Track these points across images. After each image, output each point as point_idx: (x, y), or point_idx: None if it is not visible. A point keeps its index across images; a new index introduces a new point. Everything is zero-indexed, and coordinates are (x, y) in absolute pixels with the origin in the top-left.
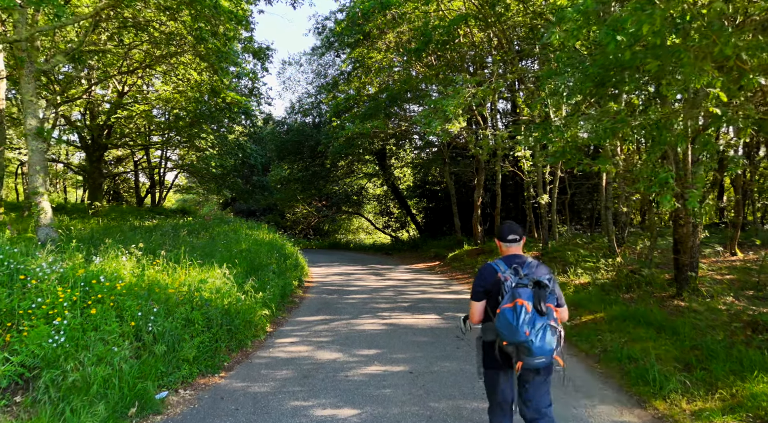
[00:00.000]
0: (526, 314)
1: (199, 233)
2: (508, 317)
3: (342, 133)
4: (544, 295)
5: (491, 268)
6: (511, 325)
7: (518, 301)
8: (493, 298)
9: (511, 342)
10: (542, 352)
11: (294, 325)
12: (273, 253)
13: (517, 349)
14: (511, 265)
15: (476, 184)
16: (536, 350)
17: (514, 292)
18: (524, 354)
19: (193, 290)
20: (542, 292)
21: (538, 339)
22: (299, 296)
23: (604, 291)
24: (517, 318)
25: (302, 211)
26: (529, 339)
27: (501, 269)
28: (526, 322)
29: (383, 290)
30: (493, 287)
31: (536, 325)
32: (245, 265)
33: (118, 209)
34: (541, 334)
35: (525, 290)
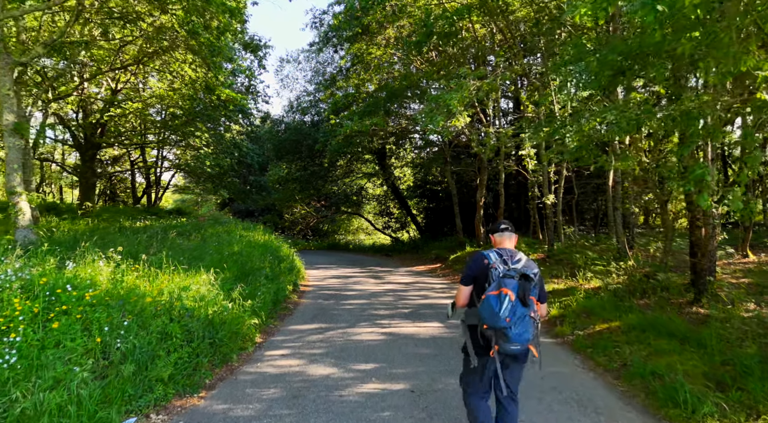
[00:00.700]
0: (509, 303)
1: (191, 235)
2: (492, 303)
3: (340, 130)
4: (528, 287)
5: (482, 256)
6: (494, 311)
7: (503, 290)
8: (479, 285)
9: (491, 326)
10: (519, 340)
11: (286, 334)
12: (267, 256)
13: (496, 334)
14: (501, 256)
15: (478, 183)
16: (514, 337)
17: (500, 281)
18: (502, 339)
19: (174, 299)
20: (527, 284)
21: (517, 327)
22: (294, 302)
23: (617, 297)
24: (500, 305)
25: (300, 212)
26: (508, 325)
27: (492, 258)
28: (508, 310)
29: (382, 295)
30: (481, 274)
31: (517, 314)
32: (235, 270)
33: (112, 209)
34: (520, 323)
35: (511, 281)
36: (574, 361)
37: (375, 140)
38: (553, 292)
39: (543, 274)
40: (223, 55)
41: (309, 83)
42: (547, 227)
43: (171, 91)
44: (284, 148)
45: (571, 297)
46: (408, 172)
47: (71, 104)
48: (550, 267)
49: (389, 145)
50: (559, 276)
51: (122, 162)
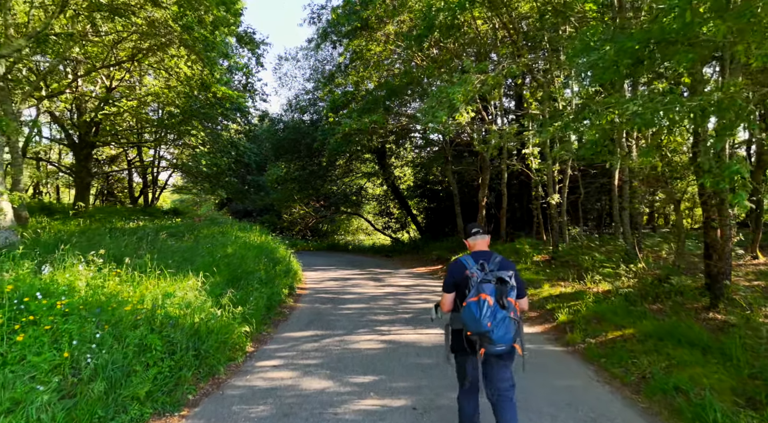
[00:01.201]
0: (488, 308)
1: (184, 236)
2: (473, 310)
3: (339, 129)
4: (505, 290)
5: (461, 263)
6: (475, 317)
7: (482, 295)
8: (461, 291)
9: (474, 332)
10: (502, 341)
11: (279, 342)
12: (261, 259)
13: (480, 338)
14: (478, 261)
15: (480, 183)
16: (497, 339)
17: (479, 287)
18: (487, 342)
19: (157, 307)
20: (504, 287)
21: (499, 329)
22: (289, 306)
23: (628, 301)
24: (480, 311)
25: (299, 212)
26: (490, 329)
27: (469, 265)
28: (488, 314)
29: (382, 298)
30: (462, 281)
31: (497, 317)
32: (227, 273)
33: (106, 210)
34: (501, 325)
35: (489, 285)
36: (588, 372)
37: (375, 139)
38: (561, 296)
39: (549, 276)
40: (218, 50)
41: (308, 81)
42: (552, 228)
43: (166, 89)
44: (283, 147)
45: (580, 302)
46: (408, 171)
47: (65, 102)
48: (556, 269)
49: (389, 144)
50: (566, 279)
51: (119, 161)
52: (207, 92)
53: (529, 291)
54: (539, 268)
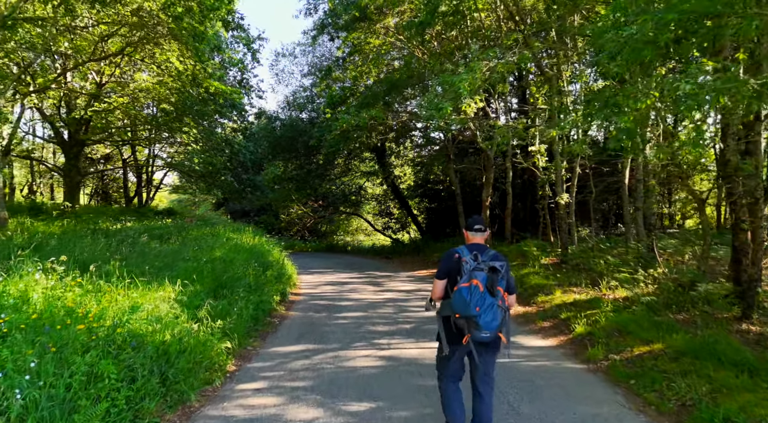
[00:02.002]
0: (478, 293)
1: (170, 238)
2: (464, 294)
3: (336, 124)
4: (496, 279)
5: (455, 251)
6: (465, 301)
7: (473, 281)
8: (452, 278)
9: (462, 315)
10: (488, 328)
11: (266, 359)
12: (251, 263)
13: (467, 322)
14: (472, 251)
15: (484, 182)
16: (483, 325)
17: (471, 274)
18: (473, 327)
19: (118, 323)
20: (495, 276)
21: (486, 315)
22: (280, 315)
23: (651, 311)
24: (470, 295)
25: (297, 212)
26: (478, 314)
27: (463, 253)
28: (477, 299)
29: (382, 305)
30: (454, 268)
31: (486, 303)
32: (210, 280)
33: (96, 209)
34: (489, 311)
35: (480, 273)
36: (616, 397)
37: (374, 136)
38: (575, 303)
39: (560, 281)
40: (208, 41)
41: (306, 77)
42: (561, 229)
43: (158, 85)
44: (280, 145)
45: (598, 311)
46: (408, 171)
47: (53, 98)
48: (568, 274)
49: (389, 142)
50: (579, 284)
51: (114, 161)
52: (199, 87)
53: (540, 298)
54: (548, 272)
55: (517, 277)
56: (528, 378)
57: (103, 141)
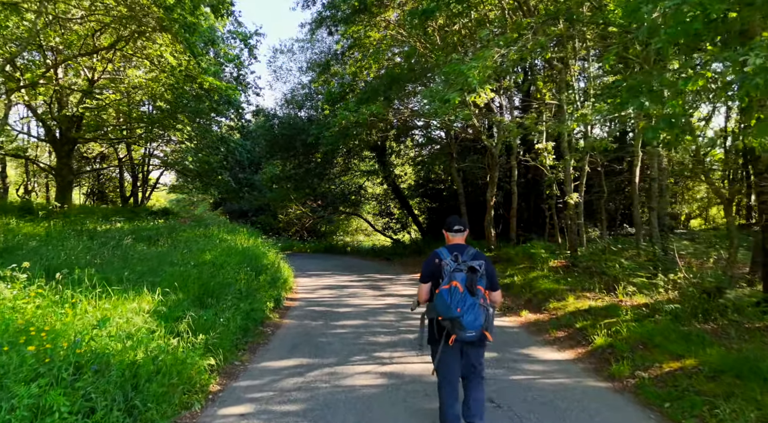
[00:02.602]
0: (458, 294)
1: (158, 240)
2: (444, 297)
3: (335, 121)
4: (475, 278)
5: (436, 255)
6: (446, 303)
7: (453, 282)
8: (436, 281)
9: (445, 317)
10: (472, 327)
11: (254, 376)
12: (244, 267)
13: (451, 323)
14: (452, 252)
15: (488, 181)
16: (467, 325)
17: (451, 275)
18: (457, 328)
19: (80, 342)
20: (474, 276)
21: (469, 315)
22: (273, 324)
23: (676, 320)
24: (451, 297)
25: (295, 212)
26: (460, 314)
27: (443, 255)
28: (457, 300)
29: (382, 312)
30: (436, 271)
31: (467, 303)
32: (196, 287)
33: (88, 209)
34: (471, 310)
35: (460, 274)
36: None
37: (374, 133)
38: (590, 311)
39: (572, 286)
40: (200, 33)
41: (304, 75)
42: (570, 230)
43: (151, 81)
44: (278, 144)
45: (616, 319)
46: (409, 170)
47: (44, 95)
48: (579, 278)
49: (389, 141)
50: (592, 289)
51: (110, 160)
52: (193, 83)
53: (552, 304)
54: (558, 275)
55: (526, 281)
56: (548, 399)
57: (96, 139)
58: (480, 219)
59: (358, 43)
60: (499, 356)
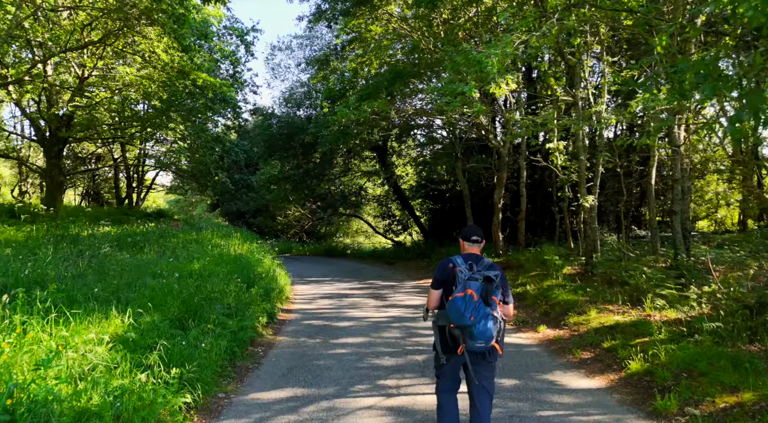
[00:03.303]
0: (473, 302)
1: (144, 247)
2: (458, 304)
3: (333, 119)
4: (491, 289)
5: (450, 262)
6: (460, 311)
7: (468, 291)
8: (448, 288)
9: (457, 325)
10: (483, 338)
11: (240, 413)
12: (234, 278)
13: (462, 332)
14: (467, 261)
15: (496, 182)
16: (478, 334)
17: (466, 284)
18: (468, 337)
19: (21, 386)
20: (489, 286)
21: (481, 325)
22: (266, 342)
23: (720, 341)
24: (465, 305)
25: (294, 214)
26: (472, 323)
27: (458, 263)
28: (472, 309)
29: (386, 327)
30: (449, 278)
31: (480, 313)
32: (177, 305)
33: (79, 212)
34: (483, 321)
35: (475, 283)
36: None
37: (376, 132)
38: (617, 328)
39: (591, 297)
40: (189, 25)
41: (303, 73)
42: (586, 235)
43: (142, 78)
44: (276, 143)
45: (649, 338)
46: (411, 171)
47: (31, 93)
48: (598, 288)
49: (391, 141)
50: (614, 301)
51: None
52: (185, 80)
53: (572, 318)
54: (575, 284)
55: (540, 290)
56: None
57: (87, 139)
58: (486, 222)
59: (359, 38)
60: (520, 384)
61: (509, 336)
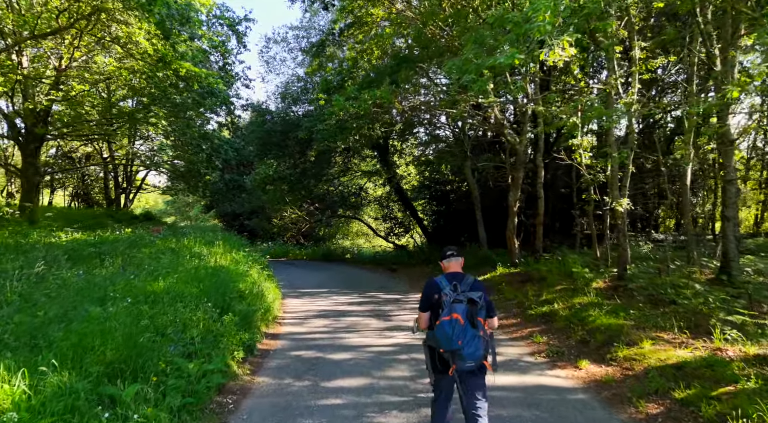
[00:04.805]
0: (459, 326)
1: (106, 259)
2: (446, 329)
3: (330, 111)
4: (475, 311)
5: (436, 284)
6: (448, 336)
7: (454, 314)
8: (435, 311)
9: (447, 350)
10: (472, 358)
11: None
12: (204, 301)
13: (452, 355)
14: (451, 282)
15: (511, 183)
16: (467, 356)
17: (451, 307)
18: (458, 359)
19: None
20: (474, 308)
21: (469, 347)
22: (240, 387)
23: None
24: (453, 329)
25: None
26: (461, 347)
27: (443, 285)
28: (458, 333)
29: (391, 361)
30: (436, 301)
31: (467, 336)
32: (109, 354)
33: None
34: (471, 342)
35: (460, 305)
36: None
37: (377, 127)
38: (684, 367)
39: (637, 322)
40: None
41: (300, 67)
42: (618, 243)
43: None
44: (271, 141)
45: (736, 387)
46: (413, 170)
47: (3, 86)
48: (643, 310)
49: (393, 140)
50: (667, 327)
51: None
52: (166, 69)
53: (620, 351)
54: (612, 303)
55: (572, 310)
56: None
57: (65, 136)
58: (498, 226)
59: (359, 22)
60: None
61: (544, 375)
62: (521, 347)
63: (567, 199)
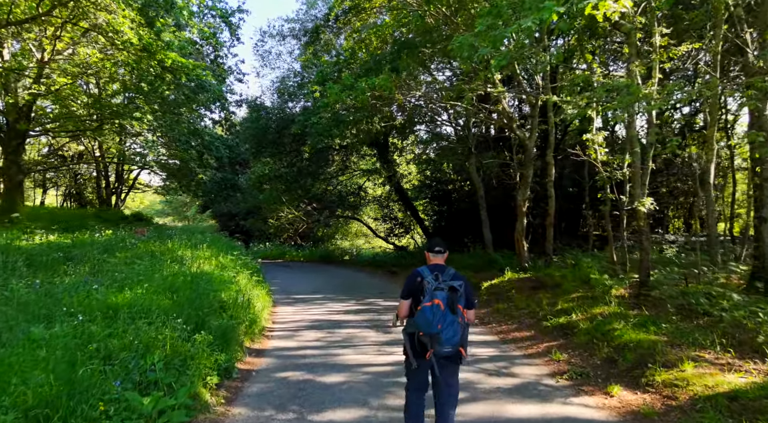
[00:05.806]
0: (439, 311)
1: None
2: (426, 313)
3: (324, 102)
4: (455, 297)
5: (418, 273)
6: (428, 320)
7: (435, 300)
8: (416, 298)
9: (426, 333)
10: (450, 343)
11: None
12: (176, 314)
13: (431, 338)
14: (433, 272)
15: (520, 181)
16: (446, 340)
17: (432, 294)
18: (436, 343)
19: None
20: (454, 295)
21: (447, 331)
22: (211, 421)
23: None
24: (433, 314)
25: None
26: (440, 331)
27: (425, 274)
28: (439, 317)
29: (392, 383)
30: (417, 289)
31: (447, 320)
32: (40, 388)
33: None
34: (450, 327)
35: (441, 293)
36: None
37: (376, 121)
38: (739, 397)
39: (671, 338)
40: None
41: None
42: (642, 247)
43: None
44: (266, 138)
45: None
46: (414, 169)
47: None
48: (676, 323)
49: (393, 138)
50: (707, 345)
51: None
52: (151, 59)
53: (658, 375)
54: (639, 314)
55: (593, 322)
56: None
57: (49, 132)
58: (504, 227)
59: (357, 8)
60: None
61: (569, 403)
62: (539, 366)
63: (574, 199)
